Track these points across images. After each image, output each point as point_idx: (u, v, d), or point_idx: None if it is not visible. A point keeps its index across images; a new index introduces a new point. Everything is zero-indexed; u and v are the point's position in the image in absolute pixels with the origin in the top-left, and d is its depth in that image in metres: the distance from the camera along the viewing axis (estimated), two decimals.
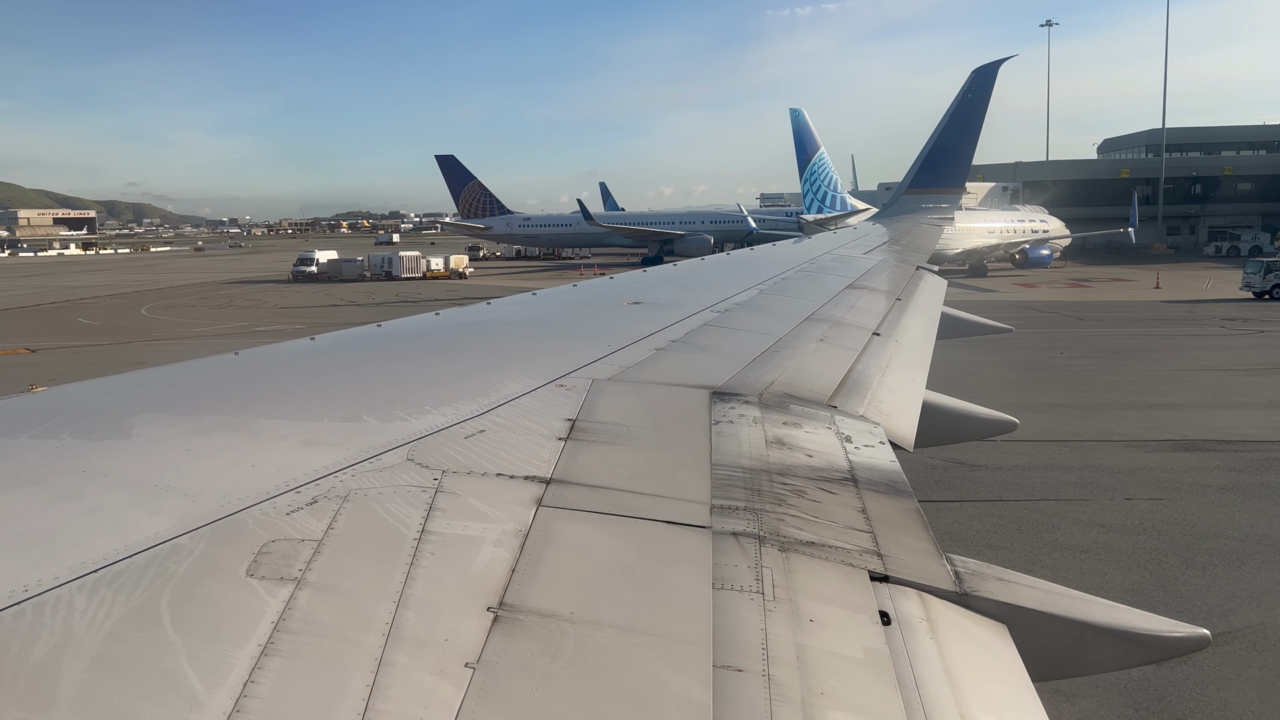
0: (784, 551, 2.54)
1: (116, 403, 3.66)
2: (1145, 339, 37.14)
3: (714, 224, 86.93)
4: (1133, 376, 28.71)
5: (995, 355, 31.75)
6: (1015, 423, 6.38)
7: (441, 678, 1.84)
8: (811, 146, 71.08)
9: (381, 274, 78.61)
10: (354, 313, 50.40)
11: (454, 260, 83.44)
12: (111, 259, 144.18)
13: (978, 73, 21.05)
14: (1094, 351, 34.08)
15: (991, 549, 14.26)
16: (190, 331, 45.66)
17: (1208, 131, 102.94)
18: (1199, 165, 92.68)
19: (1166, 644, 2.79)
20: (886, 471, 3.45)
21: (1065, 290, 58.48)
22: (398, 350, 5.08)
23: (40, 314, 57.07)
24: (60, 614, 1.91)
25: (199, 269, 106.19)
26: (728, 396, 4.08)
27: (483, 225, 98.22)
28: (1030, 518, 15.94)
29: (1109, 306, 48.98)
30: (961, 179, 22.86)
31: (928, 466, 18.45)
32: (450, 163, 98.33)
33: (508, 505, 2.63)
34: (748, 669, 1.97)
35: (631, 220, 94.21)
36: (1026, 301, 51.43)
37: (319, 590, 2.09)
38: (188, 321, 50.97)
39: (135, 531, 2.27)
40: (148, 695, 1.71)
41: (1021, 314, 44.51)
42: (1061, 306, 49.27)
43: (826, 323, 6.59)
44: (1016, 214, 74.08)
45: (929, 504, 16.68)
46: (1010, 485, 17.72)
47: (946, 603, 2.50)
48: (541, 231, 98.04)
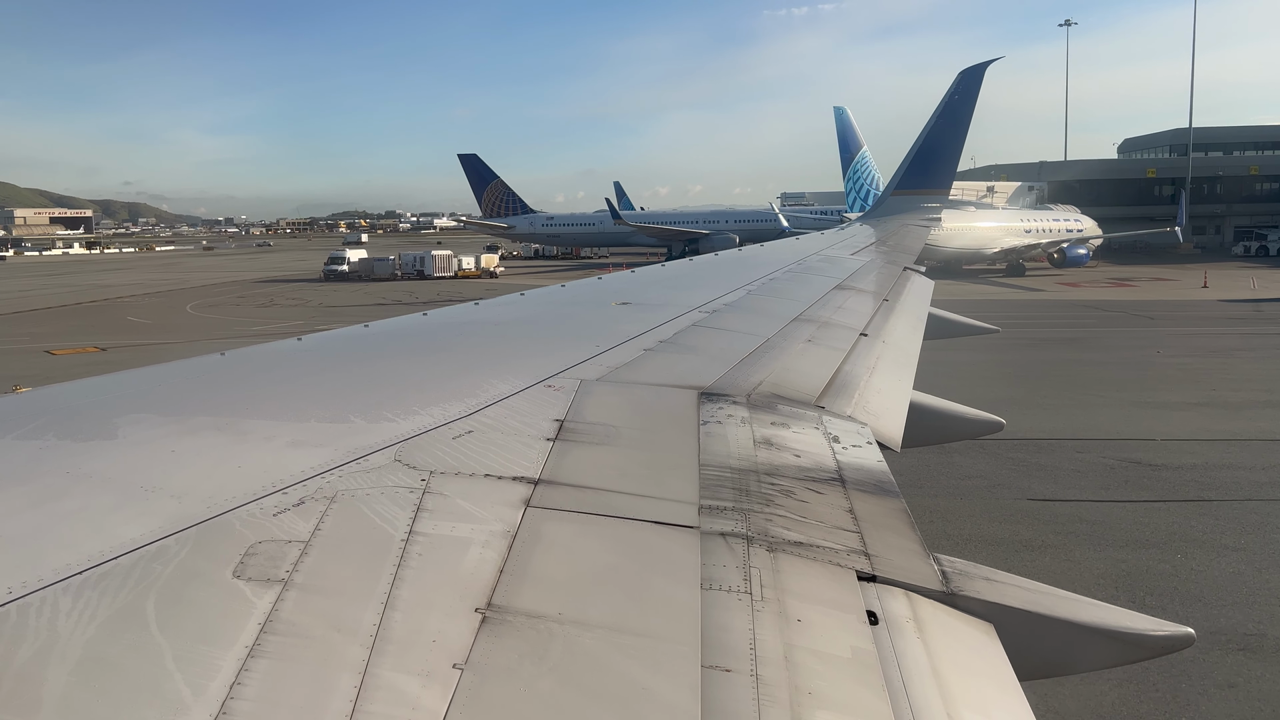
0: (772, 552, 2.55)
1: (102, 403, 3.64)
2: (1234, 338, 37.06)
3: (743, 223, 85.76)
4: (1251, 375, 28.81)
5: (1094, 354, 32.53)
6: (1002, 423, 6.40)
7: (429, 679, 1.84)
8: (855, 145, 70.95)
9: (413, 273, 78.50)
10: (403, 312, 49.54)
11: (485, 259, 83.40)
12: (121, 258, 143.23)
13: (965, 74, 21.13)
14: (1192, 350, 34.05)
15: (1233, 550, 14.09)
16: (249, 330, 45.10)
17: (1231, 131, 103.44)
18: (1224, 165, 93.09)
19: (1152, 643, 2.81)
20: (874, 471, 3.47)
21: (1111, 289, 58.38)
22: (385, 351, 5.06)
23: (85, 313, 56.48)
24: (45, 617, 1.90)
25: (219, 268, 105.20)
26: (716, 397, 4.09)
27: (505, 224, 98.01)
28: (1248, 518, 15.79)
29: (1173, 306, 48.66)
30: (948, 180, 22.94)
31: (1106, 468, 18.72)
32: (472, 161, 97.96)
33: (496, 506, 2.63)
34: (735, 669, 1.98)
35: (659, 219, 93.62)
36: (1085, 301, 51.51)
37: (306, 592, 2.08)
38: (240, 320, 50.22)
39: (121, 533, 2.25)
40: (133, 698, 1.71)
41: (1087, 313, 44.92)
42: (1125, 306, 49.03)
43: (814, 323, 6.61)
44: (1051, 213, 74.61)
45: (1132, 504, 16.53)
46: (1206, 485, 17.72)
47: (933, 602, 2.51)
48: (565, 231, 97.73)
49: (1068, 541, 14.99)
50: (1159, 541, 14.79)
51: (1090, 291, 57.03)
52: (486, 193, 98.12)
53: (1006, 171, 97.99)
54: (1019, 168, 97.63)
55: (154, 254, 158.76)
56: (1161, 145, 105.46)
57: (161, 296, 66.97)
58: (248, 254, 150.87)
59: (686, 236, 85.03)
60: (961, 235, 67.34)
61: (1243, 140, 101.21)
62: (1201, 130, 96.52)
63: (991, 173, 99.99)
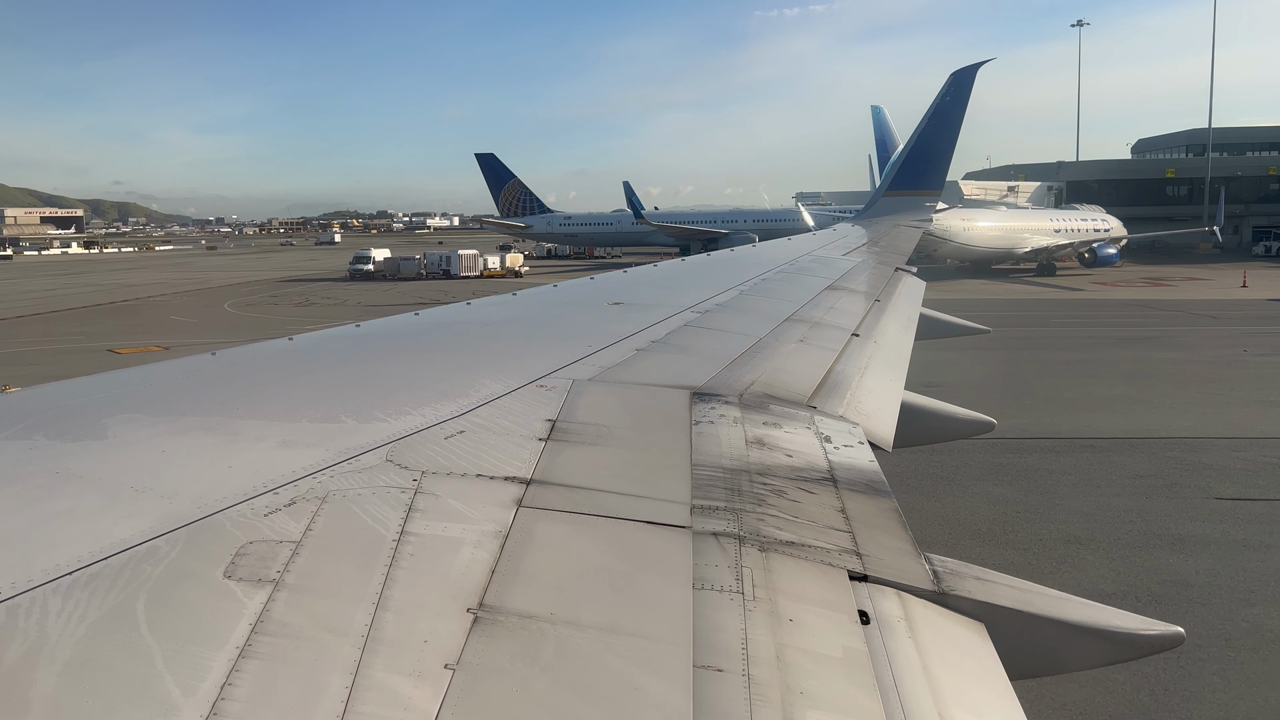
0: (764, 551, 2.55)
1: (91, 404, 3.62)
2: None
3: (764, 222, 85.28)
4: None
5: (1180, 353, 32.63)
6: (993, 423, 6.43)
7: (421, 679, 1.83)
8: (891, 144, 70.79)
9: (439, 272, 78.74)
10: None
11: (509, 259, 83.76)
12: (124, 257, 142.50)
13: (956, 76, 21.19)
14: (1277, 349, 34.23)
15: None
16: (303, 329, 44.55)
17: (1248, 132, 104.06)
18: (1243, 165, 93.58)
19: (1141, 642, 2.82)
20: (865, 471, 3.47)
21: (1149, 289, 58.36)
22: (377, 351, 5.05)
23: (126, 312, 56.16)
24: (34, 617, 1.89)
25: (231, 268, 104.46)
26: (708, 397, 4.09)
27: (523, 224, 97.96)
28: None
29: (1226, 305, 48.62)
30: (940, 181, 23.00)
31: (1271, 466, 18.83)
32: (490, 161, 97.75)
33: (487, 506, 2.63)
34: (727, 669, 1.98)
35: (679, 219, 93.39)
36: (1134, 300, 51.63)
37: (297, 592, 2.08)
38: (284, 319, 49.63)
39: (111, 533, 2.24)
40: (124, 699, 1.70)
41: (1145, 313, 45.06)
42: (1178, 305, 48.96)
43: (806, 324, 6.62)
44: (1078, 213, 74.91)
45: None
46: None
47: (925, 602, 2.51)
48: (582, 230, 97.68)
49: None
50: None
51: (1131, 291, 57.04)
52: (504, 192, 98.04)
53: (1024, 171, 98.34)
54: (1037, 168, 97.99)
55: (155, 254, 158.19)
56: (1177, 145, 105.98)
57: (192, 296, 66.78)
58: (254, 253, 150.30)
59: (706, 236, 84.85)
60: (993, 235, 67.87)
61: (1259, 140, 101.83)
62: (1219, 130, 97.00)
63: (1010, 173, 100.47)
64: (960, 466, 18.92)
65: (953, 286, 60.60)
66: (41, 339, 43.59)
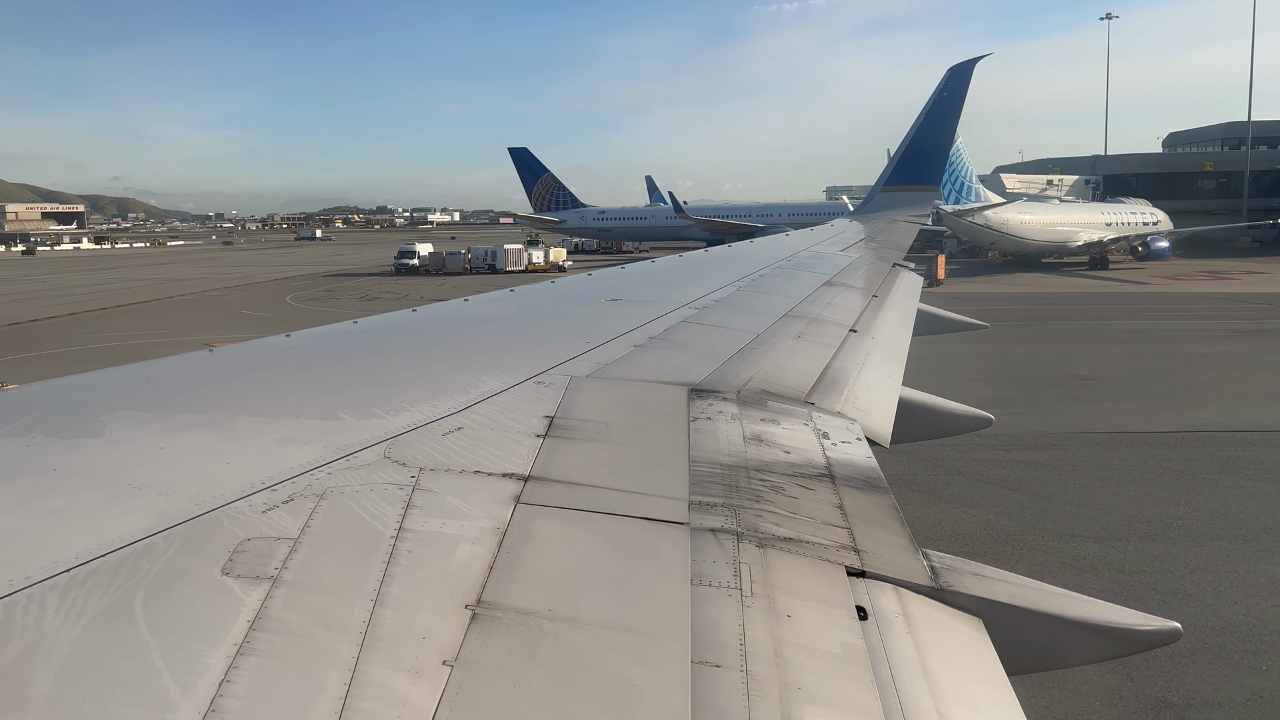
0: (761, 547, 2.55)
1: (88, 401, 3.62)
2: None
3: (801, 216, 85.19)
4: None
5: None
6: (990, 419, 6.43)
7: (419, 676, 1.83)
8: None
9: (484, 267, 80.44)
10: None
11: (553, 253, 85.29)
12: (135, 253, 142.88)
13: (954, 70, 21.16)
14: None
15: None
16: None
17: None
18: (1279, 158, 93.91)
19: (1139, 637, 2.82)
20: (863, 467, 3.47)
21: (1214, 282, 57.93)
22: (374, 347, 5.05)
23: (192, 306, 55.91)
24: (32, 614, 1.89)
25: (263, 263, 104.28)
26: (706, 393, 4.09)
27: (556, 219, 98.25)
28: None
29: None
30: (937, 176, 22.98)
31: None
32: (523, 155, 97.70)
33: (485, 503, 2.63)
34: (725, 665, 1.98)
35: (716, 213, 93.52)
36: (1212, 294, 51.33)
37: (295, 589, 2.08)
38: (353, 312, 48.91)
39: (108, 530, 2.24)
40: (122, 696, 1.70)
41: (1231, 306, 45.08)
42: (1257, 299, 48.31)
43: (804, 320, 6.62)
44: (1126, 206, 75.28)
45: None
46: None
47: (922, 598, 2.51)
48: (616, 225, 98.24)
49: None
50: None
51: (1197, 285, 56.70)
52: (537, 187, 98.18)
53: (1060, 165, 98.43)
54: (1073, 161, 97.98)
55: (172, 249, 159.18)
56: (1212, 139, 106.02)
57: (244, 290, 66.72)
58: (275, 248, 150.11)
59: (743, 230, 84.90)
60: (1046, 228, 68.13)
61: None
62: (1259, 124, 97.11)
63: (1045, 166, 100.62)
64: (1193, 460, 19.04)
65: (1013, 280, 60.45)
66: (125, 333, 42.91)
